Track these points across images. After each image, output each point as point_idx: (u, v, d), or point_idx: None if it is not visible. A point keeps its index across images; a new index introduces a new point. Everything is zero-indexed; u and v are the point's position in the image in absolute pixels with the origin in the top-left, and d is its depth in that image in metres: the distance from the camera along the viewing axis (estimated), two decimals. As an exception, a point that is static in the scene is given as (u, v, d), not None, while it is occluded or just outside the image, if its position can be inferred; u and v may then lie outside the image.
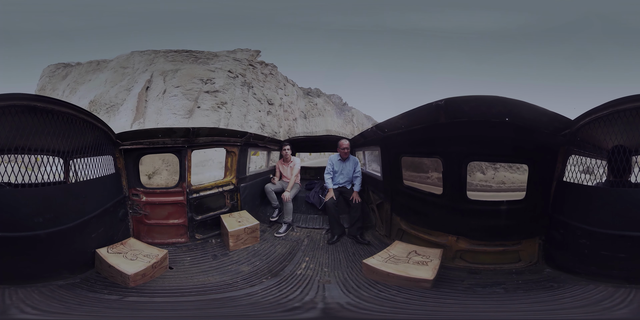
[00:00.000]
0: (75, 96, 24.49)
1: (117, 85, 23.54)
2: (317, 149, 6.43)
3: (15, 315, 1.78)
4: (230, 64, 25.08)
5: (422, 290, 2.38)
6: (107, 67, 26.16)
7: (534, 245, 2.70)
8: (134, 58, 25.64)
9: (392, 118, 3.04)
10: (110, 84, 24.05)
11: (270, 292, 2.51)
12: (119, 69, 24.83)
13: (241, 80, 24.81)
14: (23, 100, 2.12)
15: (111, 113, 21.95)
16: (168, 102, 21.90)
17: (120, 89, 23.20)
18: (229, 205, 4.24)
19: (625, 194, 2.15)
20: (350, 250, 3.55)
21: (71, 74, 27.66)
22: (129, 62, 25.32)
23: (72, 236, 2.45)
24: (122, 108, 21.94)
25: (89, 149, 2.81)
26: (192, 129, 3.50)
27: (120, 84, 23.58)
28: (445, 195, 2.88)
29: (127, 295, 2.33)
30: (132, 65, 25.14)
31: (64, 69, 29.04)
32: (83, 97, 23.81)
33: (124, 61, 25.62)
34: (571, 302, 1.98)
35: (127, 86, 23.24)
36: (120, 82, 23.74)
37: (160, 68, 23.84)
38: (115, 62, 26.08)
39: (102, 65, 26.77)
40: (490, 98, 2.29)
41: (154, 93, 22.44)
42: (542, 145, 2.49)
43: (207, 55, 25.51)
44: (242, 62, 26.09)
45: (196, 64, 24.23)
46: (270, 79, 28.72)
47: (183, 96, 22.16)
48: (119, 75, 24.51)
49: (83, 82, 25.80)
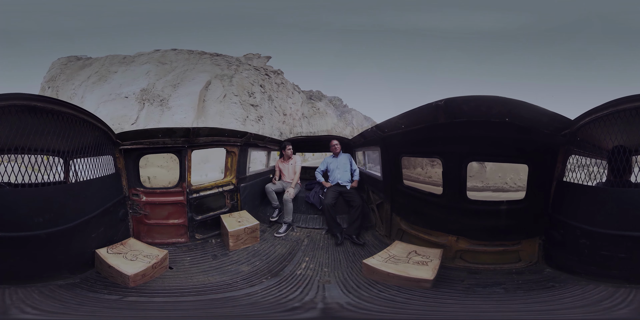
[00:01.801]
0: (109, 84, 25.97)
1: (162, 79, 25.09)
2: (317, 149, 6.44)
3: (16, 315, 1.77)
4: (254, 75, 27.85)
5: (422, 290, 2.38)
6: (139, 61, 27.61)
7: (534, 245, 2.70)
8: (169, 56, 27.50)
9: (392, 118, 3.04)
10: (154, 76, 25.57)
11: (270, 292, 2.50)
12: (159, 64, 26.45)
13: (268, 94, 28.02)
14: (23, 100, 2.12)
15: (164, 107, 23.43)
16: (229, 107, 24.49)
17: (165, 84, 24.73)
18: (229, 205, 4.24)
19: (625, 194, 2.14)
20: (350, 250, 3.55)
21: (93, 64, 28.82)
22: (166, 59, 27.02)
23: (72, 236, 2.45)
24: (172, 103, 23.38)
25: (89, 149, 2.81)
26: (192, 128, 3.50)
27: (166, 79, 25.15)
28: (445, 195, 2.88)
29: (127, 295, 2.32)
30: (169, 62, 26.80)
31: (78, 62, 30.28)
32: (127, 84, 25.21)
33: (161, 57, 27.32)
34: (571, 302, 1.98)
35: (173, 82, 24.81)
36: (164, 77, 25.27)
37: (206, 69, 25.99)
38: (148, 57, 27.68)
39: (128, 59, 28.25)
40: (490, 98, 2.29)
41: (213, 95, 24.52)
42: (542, 145, 2.49)
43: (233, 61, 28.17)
44: (260, 71, 28.98)
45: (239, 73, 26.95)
46: (282, 89, 31.45)
47: (240, 105, 25.07)
48: (162, 70, 26.11)
49: (107, 74, 26.97)
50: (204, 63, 27.00)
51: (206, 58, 27.70)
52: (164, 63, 26.48)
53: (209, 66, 26.65)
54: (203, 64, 26.90)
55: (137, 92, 24.16)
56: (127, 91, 24.47)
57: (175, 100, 23.53)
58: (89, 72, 28.06)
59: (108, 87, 25.49)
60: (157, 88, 24.27)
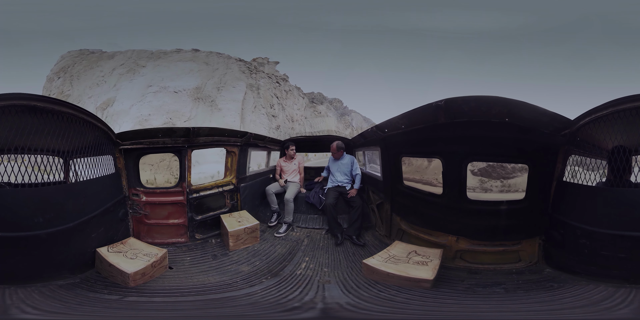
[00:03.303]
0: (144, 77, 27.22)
1: (211, 80, 26.71)
2: (318, 149, 6.44)
3: (16, 315, 1.77)
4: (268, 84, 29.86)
5: (422, 290, 2.38)
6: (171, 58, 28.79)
7: (534, 245, 2.70)
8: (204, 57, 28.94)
9: (392, 118, 3.04)
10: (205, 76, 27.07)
11: (270, 292, 2.50)
12: (202, 65, 27.90)
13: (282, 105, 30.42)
14: (23, 100, 2.12)
15: (214, 108, 25.09)
16: (259, 117, 26.98)
17: (212, 86, 26.38)
18: (229, 205, 4.24)
19: (625, 194, 2.14)
20: (350, 250, 3.55)
21: (116, 57, 29.69)
22: (210, 60, 28.62)
23: (72, 236, 2.45)
24: (222, 106, 25.23)
25: (89, 149, 2.81)
26: (193, 128, 3.50)
27: (213, 81, 26.78)
28: (445, 195, 2.87)
29: (127, 295, 2.32)
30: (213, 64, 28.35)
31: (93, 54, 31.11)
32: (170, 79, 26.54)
33: (206, 57, 28.85)
34: (571, 302, 1.98)
35: (216, 85, 26.45)
36: (211, 80, 26.85)
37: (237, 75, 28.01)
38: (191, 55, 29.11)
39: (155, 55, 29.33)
40: (490, 98, 2.29)
41: (248, 105, 26.87)
42: (542, 145, 2.49)
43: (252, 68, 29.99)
44: (272, 79, 31.05)
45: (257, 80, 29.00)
46: (289, 96, 32.93)
47: (266, 116, 27.50)
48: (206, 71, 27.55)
49: (136, 67, 27.98)
50: (233, 68, 28.57)
51: (233, 63, 29.22)
52: (207, 64, 27.89)
53: (238, 73, 28.26)
54: (233, 69, 28.46)
55: (188, 89, 25.37)
56: (175, 86, 25.58)
57: (223, 104, 25.28)
58: (112, 64, 28.94)
59: (143, 79, 26.54)
60: (208, 88, 25.77)
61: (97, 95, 26.50)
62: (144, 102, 24.78)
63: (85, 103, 25.74)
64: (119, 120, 23.67)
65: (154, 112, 24.07)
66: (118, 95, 25.64)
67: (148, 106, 24.47)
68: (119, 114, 24.43)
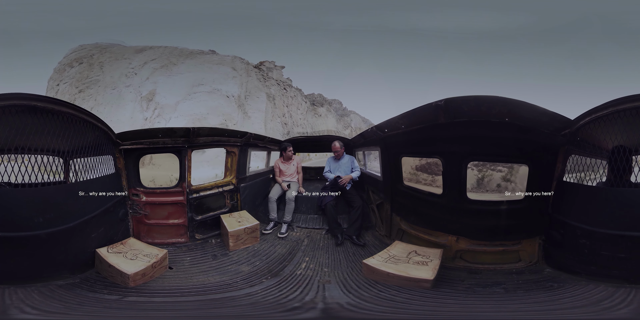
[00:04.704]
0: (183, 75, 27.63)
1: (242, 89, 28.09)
2: (317, 149, 6.44)
3: (15, 315, 1.78)
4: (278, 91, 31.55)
5: (422, 290, 2.38)
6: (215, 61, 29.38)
7: (534, 245, 2.70)
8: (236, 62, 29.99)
9: (392, 118, 3.04)
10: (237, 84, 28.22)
11: (270, 292, 2.50)
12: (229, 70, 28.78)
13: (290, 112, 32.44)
14: (23, 100, 2.12)
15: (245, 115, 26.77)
16: (276, 125, 28.61)
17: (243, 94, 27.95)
18: (229, 205, 4.24)
19: (625, 194, 2.15)
20: (350, 250, 3.55)
21: (145, 51, 29.68)
22: (235, 64, 29.40)
23: (72, 236, 2.45)
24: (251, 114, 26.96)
25: (89, 149, 2.81)
26: (193, 128, 3.50)
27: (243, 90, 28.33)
28: (445, 195, 2.88)
29: (127, 295, 2.32)
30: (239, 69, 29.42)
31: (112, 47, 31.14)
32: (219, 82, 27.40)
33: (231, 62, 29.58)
34: (571, 302, 1.98)
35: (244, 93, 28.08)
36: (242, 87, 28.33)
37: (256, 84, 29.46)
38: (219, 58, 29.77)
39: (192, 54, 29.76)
40: (490, 98, 2.29)
41: (268, 114, 28.48)
42: (542, 145, 2.49)
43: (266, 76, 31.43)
44: (281, 85, 32.50)
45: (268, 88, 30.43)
46: (294, 102, 34.29)
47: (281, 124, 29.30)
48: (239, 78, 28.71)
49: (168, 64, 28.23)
50: (252, 75, 29.53)
51: (251, 70, 30.07)
52: (234, 69, 28.76)
53: (256, 81, 29.43)
54: (252, 77, 29.44)
55: (235, 95, 26.63)
56: (226, 90, 26.57)
57: (251, 112, 26.74)
58: (142, 57, 29.04)
59: (182, 77, 26.85)
60: (242, 96, 27.14)
61: (135, 84, 26.39)
62: (194, 100, 25.26)
63: (123, 91, 25.90)
64: (164, 115, 24.02)
65: (210, 111, 24.68)
66: (157, 89, 25.89)
67: (203, 105, 24.96)
68: (164, 108, 24.84)
